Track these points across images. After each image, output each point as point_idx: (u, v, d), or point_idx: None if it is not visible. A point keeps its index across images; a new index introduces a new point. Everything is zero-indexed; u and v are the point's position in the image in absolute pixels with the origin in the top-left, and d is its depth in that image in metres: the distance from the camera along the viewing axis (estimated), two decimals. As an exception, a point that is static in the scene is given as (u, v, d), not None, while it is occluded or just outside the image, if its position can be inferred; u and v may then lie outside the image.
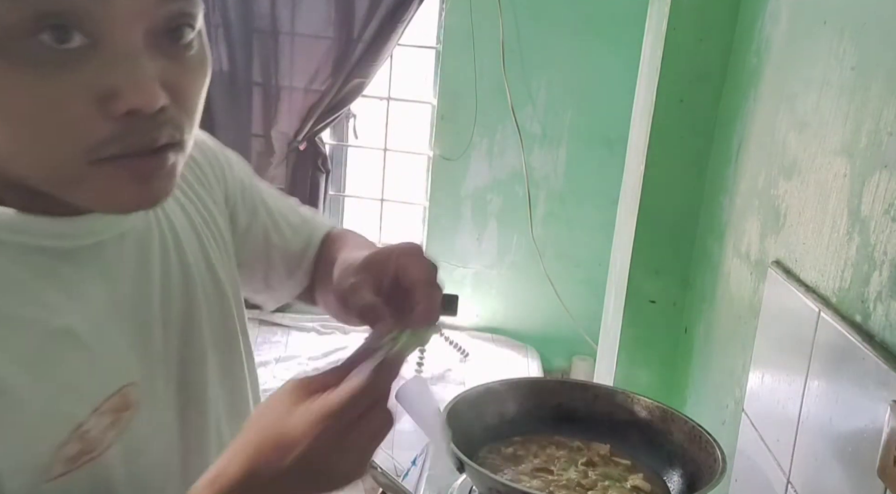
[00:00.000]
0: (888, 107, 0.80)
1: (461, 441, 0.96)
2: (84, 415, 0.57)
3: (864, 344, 0.76)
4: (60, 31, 0.48)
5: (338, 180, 3.57)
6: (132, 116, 0.50)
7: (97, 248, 0.61)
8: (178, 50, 0.54)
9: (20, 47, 0.47)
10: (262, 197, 0.88)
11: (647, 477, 1.00)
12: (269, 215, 0.87)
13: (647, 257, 1.59)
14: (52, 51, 0.48)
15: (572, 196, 3.30)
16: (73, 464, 0.56)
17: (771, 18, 1.25)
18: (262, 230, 0.86)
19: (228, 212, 0.81)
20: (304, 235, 0.91)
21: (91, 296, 0.60)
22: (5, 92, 0.49)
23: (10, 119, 0.50)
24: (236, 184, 0.83)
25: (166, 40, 0.53)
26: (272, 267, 0.89)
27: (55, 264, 0.58)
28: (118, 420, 0.60)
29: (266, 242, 0.87)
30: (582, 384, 1.15)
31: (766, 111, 1.22)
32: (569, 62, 3.16)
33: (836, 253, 0.89)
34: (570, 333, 3.33)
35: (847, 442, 0.79)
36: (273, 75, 3.23)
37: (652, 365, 1.64)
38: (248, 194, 0.85)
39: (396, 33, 3.09)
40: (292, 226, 0.90)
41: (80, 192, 0.54)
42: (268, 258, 0.88)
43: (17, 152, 0.52)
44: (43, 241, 0.57)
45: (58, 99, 0.49)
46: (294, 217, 0.91)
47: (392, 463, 2.30)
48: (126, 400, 0.61)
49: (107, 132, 0.51)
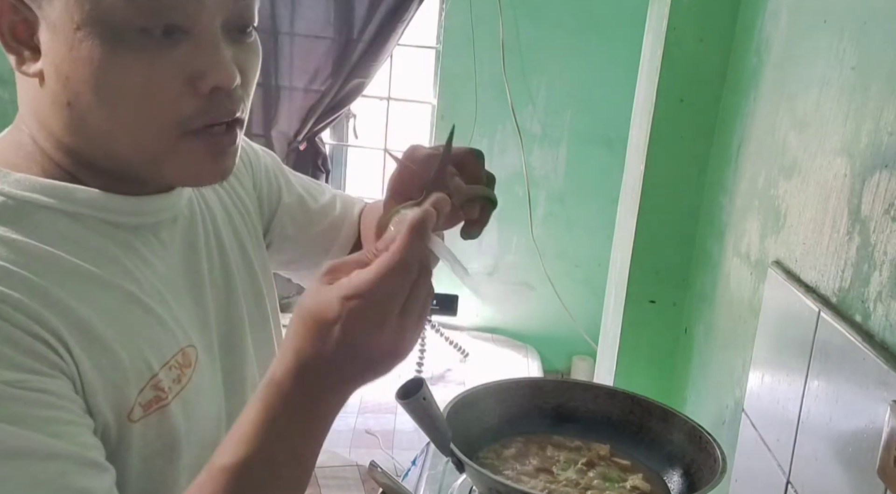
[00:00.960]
0: (888, 107, 0.80)
1: (461, 441, 0.96)
2: (157, 367, 0.63)
3: (864, 344, 0.76)
4: (168, 27, 0.57)
5: (338, 180, 3.57)
6: (215, 92, 0.60)
7: (156, 227, 0.69)
8: (243, 38, 0.64)
9: (133, 37, 0.56)
10: (289, 179, 0.93)
11: (646, 477, 1.00)
12: (296, 196, 0.92)
13: (647, 257, 1.59)
14: (157, 40, 0.57)
15: (572, 196, 3.30)
16: (149, 409, 0.62)
17: (771, 18, 1.25)
18: (288, 211, 0.91)
19: (256, 195, 0.87)
20: (336, 212, 0.95)
21: (156, 268, 0.67)
22: (112, 73, 0.57)
23: (112, 98, 0.58)
24: (262, 170, 0.89)
25: (235, 31, 0.62)
26: (305, 246, 0.94)
27: (129, 237, 0.65)
28: (182, 375, 0.66)
29: (294, 222, 0.92)
30: (582, 384, 1.15)
31: (766, 111, 1.22)
32: (569, 62, 3.16)
33: (836, 253, 0.89)
34: (570, 333, 3.33)
35: (847, 442, 0.79)
36: (273, 75, 3.23)
37: (652, 365, 1.64)
38: (275, 179, 0.91)
39: (396, 33, 3.09)
40: (321, 205, 0.94)
41: (166, 166, 0.62)
42: (298, 237, 0.93)
43: (113, 130, 0.60)
44: (119, 218, 0.65)
45: (157, 79, 0.58)
46: (323, 196, 0.95)
47: (392, 463, 2.30)
48: (187, 358, 0.68)
49: (194, 106, 0.60)
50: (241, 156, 0.85)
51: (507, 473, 0.99)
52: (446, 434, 0.93)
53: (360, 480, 2.24)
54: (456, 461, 0.93)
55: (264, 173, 0.90)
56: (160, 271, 0.68)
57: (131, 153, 0.61)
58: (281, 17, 3.16)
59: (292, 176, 0.94)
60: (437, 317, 3.16)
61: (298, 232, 0.93)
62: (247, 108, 0.65)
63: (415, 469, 1.18)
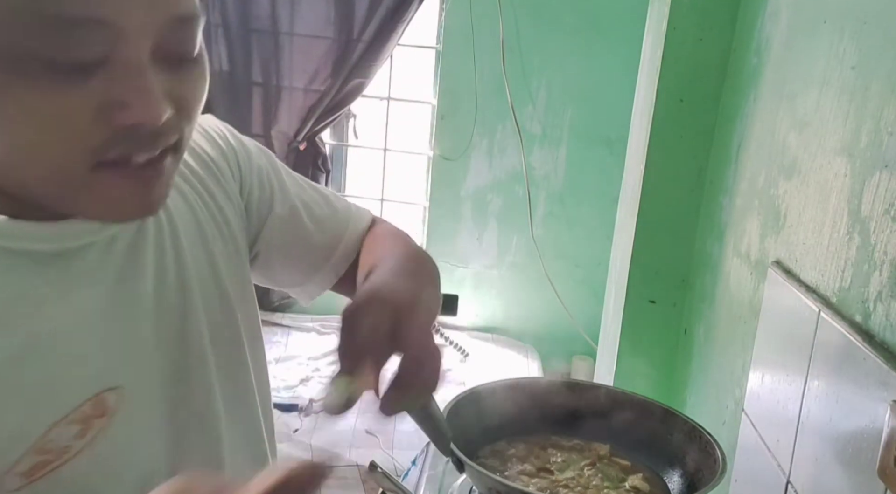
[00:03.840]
0: (888, 107, 0.80)
1: (461, 441, 0.96)
2: (42, 430, 0.56)
3: (864, 344, 0.76)
4: (78, 63, 0.49)
5: (338, 180, 3.57)
6: (136, 127, 0.52)
7: (84, 251, 0.61)
8: (182, 63, 0.56)
9: (38, 69, 0.49)
10: (284, 185, 0.84)
11: (646, 477, 1.00)
12: (288, 208, 0.83)
13: (647, 257, 1.59)
14: (65, 72, 0.49)
15: (572, 196, 3.30)
16: (33, 477, 0.55)
17: (771, 18, 1.25)
18: (279, 223, 0.82)
19: (245, 201, 0.79)
20: (332, 228, 0.86)
21: (76, 299, 0.60)
22: (12, 102, 0.50)
23: (15, 128, 0.51)
24: (253, 172, 0.80)
25: (173, 54, 0.55)
26: (294, 263, 0.86)
27: (42, 268, 0.58)
28: (89, 427, 0.59)
29: (283, 236, 0.83)
30: (582, 384, 1.15)
31: (766, 111, 1.22)
32: (569, 62, 3.16)
33: (836, 253, 0.89)
34: (570, 333, 3.33)
35: (847, 442, 0.79)
36: (273, 75, 3.24)
37: (652, 365, 1.64)
38: (268, 183, 0.82)
39: (396, 33, 3.09)
40: (317, 219, 0.85)
41: (82, 201, 0.55)
42: (287, 253, 0.84)
43: (20, 161, 0.53)
44: (31, 245, 0.57)
45: (65, 109, 0.50)
46: (321, 209, 0.86)
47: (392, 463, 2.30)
48: (102, 405, 0.60)
49: (106, 138, 0.52)
50: (229, 156, 0.78)
51: (507, 473, 0.99)
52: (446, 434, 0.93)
53: (360, 480, 2.24)
54: (456, 461, 0.93)
55: (257, 176, 0.81)
56: (82, 303, 0.60)
57: (41, 185, 0.54)
58: (281, 17, 3.17)
59: (289, 180, 0.85)
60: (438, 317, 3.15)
61: (287, 247, 0.84)
62: (187, 135, 0.59)
63: (415, 469, 1.18)
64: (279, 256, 0.84)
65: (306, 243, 0.84)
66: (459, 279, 3.46)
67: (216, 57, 3.18)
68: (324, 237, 0.85)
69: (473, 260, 3.45)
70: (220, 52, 3.19)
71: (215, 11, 3.14)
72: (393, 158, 3.49)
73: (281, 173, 0.84)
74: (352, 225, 0.88)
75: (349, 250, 0.86)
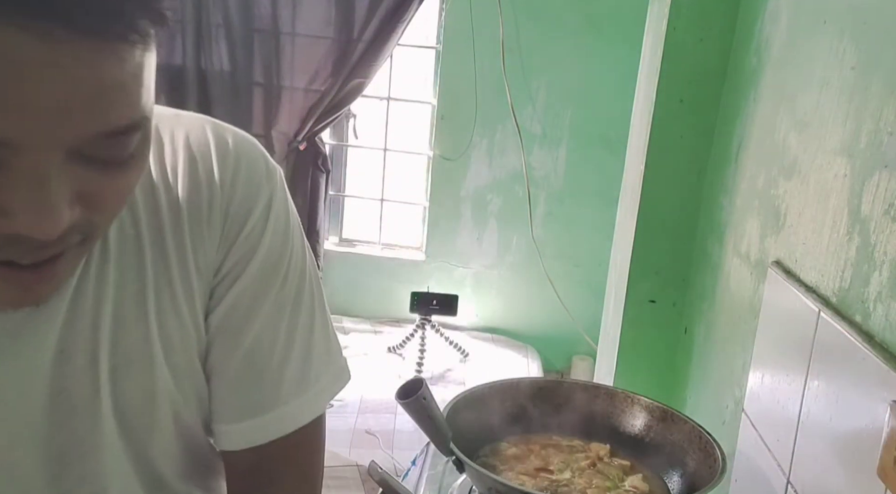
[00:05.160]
0: (888, 107, 0.80)
1: (461, 441, 0.96)
2: None
3: (864, 344, 0.76)
4: None
5: (338, 180, 3.58)
6: (21, 237, 0.45)
7: None
8: (108, 165, 0.48)
9: None
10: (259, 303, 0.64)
11: (646, 477, 1.00)
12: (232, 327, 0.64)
13: (647, 257, 1.59)
14: None
15: (572, 196, 3.30)
16: None
17: (771, 18, 1.25)
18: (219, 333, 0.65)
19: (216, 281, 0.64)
20: (251, 395, 0.66)
21: None
22: None
23: None
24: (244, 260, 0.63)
25: (96, 157, 0.47)
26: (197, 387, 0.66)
27: None
28: None
29: (209, 352, 0.65)
30: (582, 384, 1.15)
31: (766, 111, 1.22)
32: (569, 62, 3.16)
33: (836, 253, 0.89)
34: (570, 333, 3.33)
35: (847, 442, 0.79)
36: (273, 75, 3.24)
37: (652, 365, 1.64)
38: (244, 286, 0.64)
39: (396, 33, 3.09)
40: (250, 367, 0.65)
41: None
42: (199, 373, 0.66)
43: None
44: None
45: None
46: (273, 357, 0.66)
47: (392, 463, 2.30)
48: None
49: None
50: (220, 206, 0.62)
51: (507, 473, 0.99)
52: (446, 434, 0.93)
53: (360, 480, 2.24)
54: (456, 461, 0.93)
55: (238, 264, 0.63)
56: None
57: None
58: (281, 17, 3.17)
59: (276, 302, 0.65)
60: (437, 317, 3.16)
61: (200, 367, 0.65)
62: (101, 224, 0.51)
63: (415, 469, 1.18)
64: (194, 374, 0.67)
65: (218, 383, 0.66)
66: (459, 279, 3.46)
67: (217, 57, 3.18)
68: (240, 395, 0.66)
69: (473, 260, 3.45)
70: (220, 52, 3.19)
71: (216, 11, 3.14)
72: (393, 158, 3.49)
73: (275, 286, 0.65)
74: (283, 412, 0.66)
75: (249, 436, 0.67)
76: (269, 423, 0.66)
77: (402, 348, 3.17)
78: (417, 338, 3.08)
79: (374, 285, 3.52)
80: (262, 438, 0.66)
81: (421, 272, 3.47)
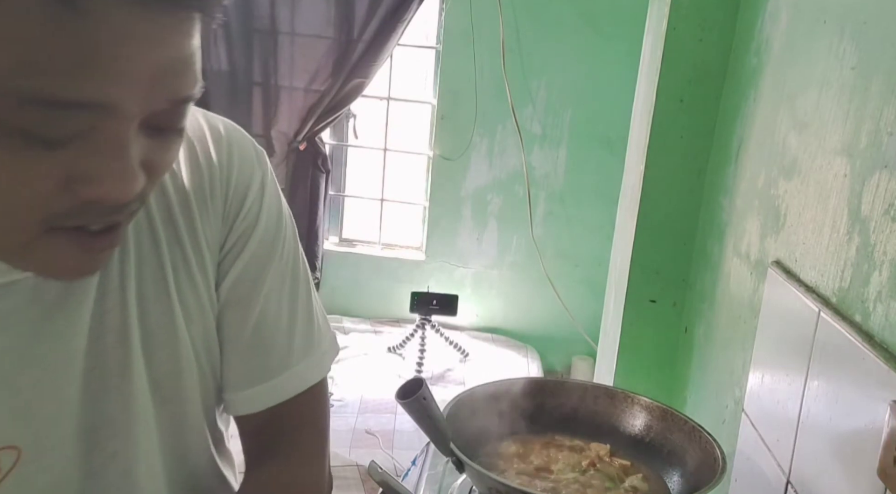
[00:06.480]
0: (888, 107, 0.80)
1: (461, 441, 0.96)
2: None
3: (864, 344, 0.76)
4: (62, 123, 0.46)
5: (338, 180, 3.58)
6: (102, 200, 0.49)
7: (6, 290, 0.56)
8: (164, 132, 0.52)
9: (15, 130, 0.45)
10: (263, 275, 0.69)
11: (646, 477, 1.00)
12: (240, 298, 0.69)
13: (647, 257, 1.59)
14: (45, 136, 0.46)
15: (572, 196, 3.30)
16: None
17: (771, 18, 1.25)
18: (231, 307, 0.69)
19: (221, 255, 0.68)
20: (263, 361, 0.71)
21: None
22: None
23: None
24: (245, 234, 0.68)
25: (159, 126, 0.51)
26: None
27: None
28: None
29: (219, 323, 0.70)
30: (582, 384, 1.15)
31: (766, 111, 1.22)
32: (569, 62, 3.16)
33: (836, 253, 0.89)
34: (570, 333, 3.33)
35: (847, 442, 0.79)
36: (273, 75, 3.24)
37: (652, 365, 1.64)
38: (248, 259, 0.68)
39: (396, 33, 3.09)
40: (263, 336, 0.71)
41: (24, 258, 0.52)
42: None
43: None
44: None
45: (32, 175, 0.47)
46: (278, 327, 0.71)
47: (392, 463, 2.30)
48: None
49: (67, 208, 0.49)
50: (222, 180, 0.67)
51: (507, 473, 0.99)
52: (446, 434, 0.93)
53: (360, 480, 2.24)
54: (456, 461, 0.93)
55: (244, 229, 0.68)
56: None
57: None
58: (281, 17, 3.17)
59: (277, 270, 0.70)
60: (437, 317, 3.16)
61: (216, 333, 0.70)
62: (147, 196, 0.55)
63: (415, 469, 1.18)
64: None
65: (232, 350, 0.70)
66: (459, 279, 3.47)
67: (216, 57, 3.17)
68: (252, 361, 0.71)
69: (473, 260, 3.45)
70: (220, 51, 3.19)
71: (215, 11, 3.14)
72: (393, 158, 3.49)
73: (274, 258, 0.70)
74: (291, 374, 0.72)
75: (266, 398, 0.72)
76: (283, 384, 0.72)
77: (402, 348, 3.17)
78: (417, 338, 3.08)
79: (374, 285, 3.52)
80: (277, 399, 0.72)
81: (421, 272, 3.48)
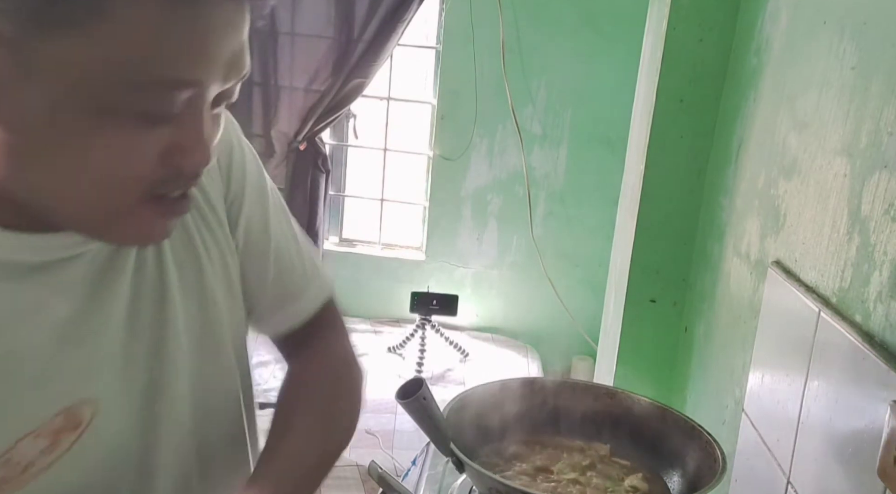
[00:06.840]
0: (888, 107, 0.80)
1: (461, 441, 0.96)
2: (11, 442, 0.57)
3: (864, 344, 0.76)
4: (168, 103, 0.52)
5: (338, 180, 3.58)
6: (188, 168, 0.56)
7: (65, 263, 0.61)
8: (220, 106, 0.60)
9: (128, 111, 0.51)
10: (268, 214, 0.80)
11: (646, 477, 1.00)
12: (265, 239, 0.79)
13: (647, 257, 1.59)
14: (152, 115, 0.52)
15: (572, 196, 3.30)
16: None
17: (771, 18, 1.25)
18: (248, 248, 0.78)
19: (227, 208, 0.76)
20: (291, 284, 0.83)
21: (55, 311, 0.60)
22: (99, 142, 0.52)
23: (93, 163, 0.52)
24: (240, 184, 0.77)
25: (220, 101, 0.59)
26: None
27: (16, 283, 0.58)
28: (57, 443, 0.60)
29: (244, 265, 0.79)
30: (582, 384, 1.15)
31: (766, 111, 1.22)
32: (569, 62, 3.16)
33: (836, 253, 0.89)
34: (570, 333, 3.33)
35: (847, 442, 0.79)
36: (273, 75, 3.24)
37: (652, 365, 1.64)
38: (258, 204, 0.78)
39: (396, 33, 3.09)
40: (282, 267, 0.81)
41: (110, 228, 0.58)
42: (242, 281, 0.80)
43: (64, 192, 0.54)
44: (14, 255, 0.58)
45: (141, 150, 0.53)
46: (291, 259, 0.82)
47: (392, 463, 2.31)
48: (76, 417, 0.61)
49: (161, 178, 0.55)
50: (220, 158, 0.75)
51: (507, 473, 0.99)
52: (446, 434, 0.93)
53: (360, 480, 2.24)
54: (456, 461, 0.93)
55: (249, 195, 0.78)
56: (62, 314, 0.60)
57: (85, 210, 0.56)
58: (281, 17, 3.17)
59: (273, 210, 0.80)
60: (437, 317, 3.16)
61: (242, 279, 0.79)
62: None
63: (415, 469, 1.18)
64: None
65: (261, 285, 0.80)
66: (459, 279, 3.46)
67: (216, 57, 3.17)
68: (279, 289, 0.82)
69: (473, 260, 3.45)
70: (219, 51, 3.19)
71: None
72: (393, 158, 3.49)
73: (268, 198, 0.80)
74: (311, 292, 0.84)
75: (296, 317, 0.84)
76: (304, 306, 0.84)
77: (402, 348, 3.17)
78: (417, 338, 3.08)
79: (374, 285, 3.52)
80: (305, 314, 0.84)
81: (421, 272, 3.48)
